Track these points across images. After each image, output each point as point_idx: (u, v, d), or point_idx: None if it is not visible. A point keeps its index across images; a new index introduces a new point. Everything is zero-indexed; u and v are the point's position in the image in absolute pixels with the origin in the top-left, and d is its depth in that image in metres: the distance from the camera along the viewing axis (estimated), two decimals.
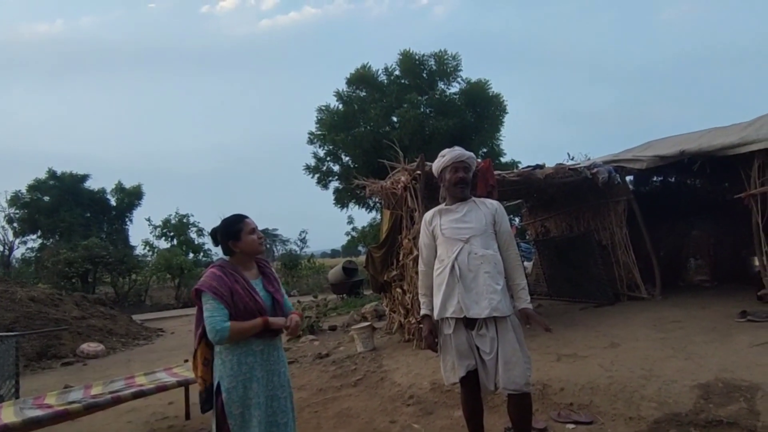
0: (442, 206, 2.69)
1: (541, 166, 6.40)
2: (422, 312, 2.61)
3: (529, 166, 6.54)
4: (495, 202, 2.65)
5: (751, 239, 5.96)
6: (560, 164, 6.72)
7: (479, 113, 14.45)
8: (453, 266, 2.45)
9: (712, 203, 8.07)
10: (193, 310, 2.31)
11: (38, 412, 3.17)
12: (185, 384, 3.98)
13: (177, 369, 4.37)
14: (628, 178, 7.69)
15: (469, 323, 2.43)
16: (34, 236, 22.77)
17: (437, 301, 2.51)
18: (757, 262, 6.06)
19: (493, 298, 2.37)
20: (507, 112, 15.08)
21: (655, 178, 9.09)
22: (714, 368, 3.69)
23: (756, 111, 6.21)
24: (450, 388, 3.98)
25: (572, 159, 10.82)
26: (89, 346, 8.18)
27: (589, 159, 7.50)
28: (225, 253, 2.39)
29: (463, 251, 2.47)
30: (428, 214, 2.72)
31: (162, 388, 3.79)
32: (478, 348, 2.42)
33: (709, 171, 6.51)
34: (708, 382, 3.46)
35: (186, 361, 4.69)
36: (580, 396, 3.57)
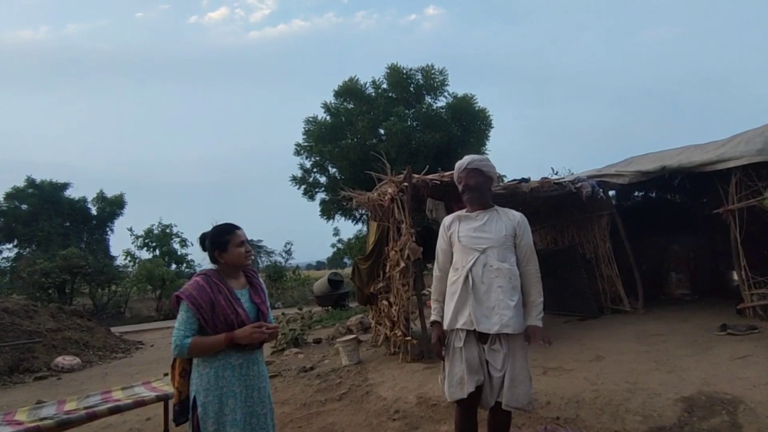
0: (462, 212, 2.60)
1: (526, 180, 6.47)
2: (432, 318, 2.55)
3: (514, 180, 6.61)
4: (518, 214, 2.54)
5: (730, 253, 6.09)
6: (545, 178, 6.80)
7: (465, 127, 14.58)
8: (467, 277, 2.38)
9: (691, 218, 8.26)
10: (174, 323, 2.25)
11: (8, 430, 3.05)
12: (164, 398, 3.85)
13: (156, 383, 4.24)
14: (611, 192, 7.84)
15: (481, 337, 2.36)
16: (10, 245, 22.11)
17: (448, 311, 2.43)
18: (736, 276, 6.19)
19: (505, 314, 2.30)
20: (492, 127, 15.28)
21: (636, 193, 9.30)
22: (696, 381, 3.75)
23: (730, 130, 6.43)
24: (437, 402, 3.96)
25: (556, 173, 11.01)
26: (64, 360, 7.92)
27: (572, 173, 7.65)
28: (212, 260, 2.34)
29: (478, 262, 2.39)
30: (447, 219, 2.63)
31: (140, 403, 3.67)
32: (487, 363, 2.36)
33: (689, 186, 6.67)
34: (691, 395, 3.50)
35: (165, 374, 4.58)
36: (566, 410, 3.57)
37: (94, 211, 24.23)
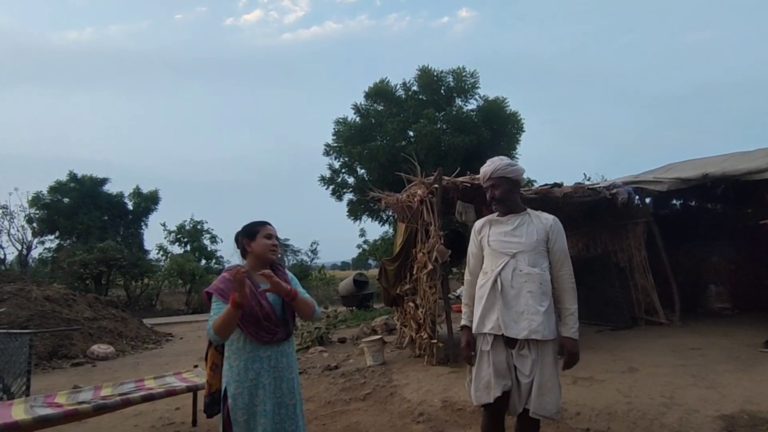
0: (493, 216, 2.55)
1: (559, 185, 6.32)
2: (462, 322, 2.51)
3: (546, 184, 6.47)
4: (551, 217, 2.47)
5: None
6: (579, 183, 6.63)
7: (496, 131, 14.43)
8: (495, 281, 2.34)
9: (733, 229, 7.86)
10: (203, 317, 2.32)
11: (49, 411, 3.17)
12: (194, 389, 3.95)
13: (186, 374, 4.35)
14: (647, 199, 7.54)
15: (509, 341, 2.30)
16: (52, 237, 22.96)
17: (476, 315, 2.39)
18: None
19: (534, 319, 2.24)
20: (524, 131, 15.06)
21: (675, 201, 8.91)
22: (738, 399, 3.58)
23: None
24: (462, 407, 3.91)
25: (588, 179, 10.73)
26: (99, 348, 8.21)
27: (605, 179, 7.41)
28: (242, 254, 2.44)
29: (507, 266, 2.34)
30: (478, 223, 2.59)
31: (171, 393, 3.78)
32: (515, 368, 2.31)
33: (732, 195, 6.34)
34: (732, 413, 3.35)
35: (195, 366, 4.69)
36: (597, 421, 3.46)
37: (130, 206, 24.99)
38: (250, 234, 2.40)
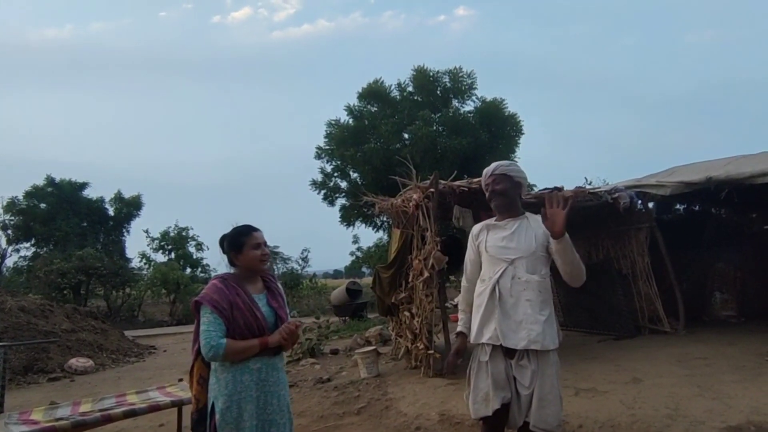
0: (491, 221, 2.52)
1: (559, 189, 6.23)
2: (458, 329, 2.48)
3: (547, 188, 6.39)
4: None
5: None
6: (579, 187, 6.57)
7: (494, 133, 14.22)
8: (494, 289, 2.28)
9: (738, 234, 7.75)
10: (188, 328, 2.18)
11: (24, 429, 3.06)
12: (179, 404, 3.82)
13: (170, 388, 4.22)
14: (650, 204, 7.42)
15: (508, 352, 2.25)
16: (27, 244, 22.06)
17: (474, 325, 2.35)
18: None
19: (533, 329, 2.19)
20: (523, 133, 14.88)
21: (678, 206, 8.80)
22: (745, 410, 3.51)
23: None
24: (460, 420, 3.82)
25: (590, 183, 10.71)
26: (78, 362, 7.92)
27: (607, 183, 7.35)
28: (230, 262, 2.34)
29: (506, 273, 2.29)
30: (476, 228, 2.55)
31: (154, 408, 3.63)
32: (514, 379, 2.24)
33: (737, 200, 6.27)
34: (739, 424, 3.29)
35: (180, 380, 4.54)
36: None
37: (111, 212, 24.10)
38: (236, 246, 2.27)
